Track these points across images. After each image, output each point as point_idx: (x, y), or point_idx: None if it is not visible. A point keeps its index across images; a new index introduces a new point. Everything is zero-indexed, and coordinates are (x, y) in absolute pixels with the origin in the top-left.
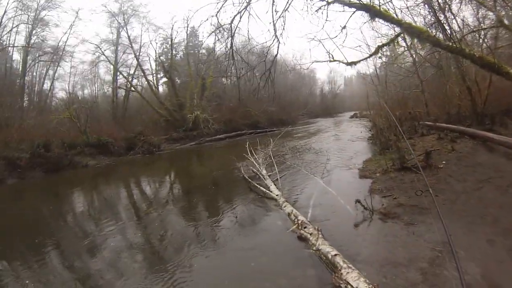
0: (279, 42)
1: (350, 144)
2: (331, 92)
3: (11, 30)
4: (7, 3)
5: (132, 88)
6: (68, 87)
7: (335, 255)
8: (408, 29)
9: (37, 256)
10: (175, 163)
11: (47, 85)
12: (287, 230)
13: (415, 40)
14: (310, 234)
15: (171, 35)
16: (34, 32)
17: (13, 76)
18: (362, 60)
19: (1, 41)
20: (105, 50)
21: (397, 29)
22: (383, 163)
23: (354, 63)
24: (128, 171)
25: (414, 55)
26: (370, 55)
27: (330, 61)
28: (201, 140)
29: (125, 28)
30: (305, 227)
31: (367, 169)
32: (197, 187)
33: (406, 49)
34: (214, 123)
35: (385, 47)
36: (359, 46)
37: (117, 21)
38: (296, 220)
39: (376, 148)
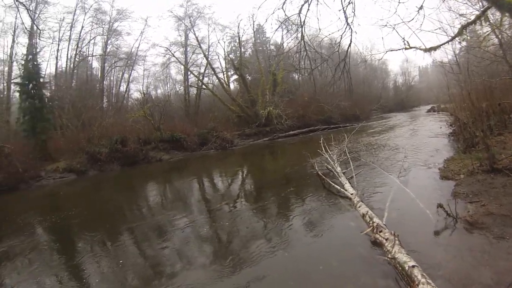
0: (352, 30)
1: (429, 141)
2: (405, 84)
3: (89, 42)
4: (83, 19)
5: (203, 86)
6: (142, 88)
7: (413, 266)
8: (496, 2)
9: (113, 240)
10: (248, 158)
11: (123, 87)
12: (361, 233)
13: (504, 18)
14: (386, 240)
15: (238, 33)
16: (109, 41)
17: (94, 81)
18: (444, 44)
19: (82, 52)
20: (174, 52)
21: (482, 4)
22: (468, 163)
23: (434, 48)
24: (201, 166)
25: (500, 36)
26: (453, 37)
27: (406, 48)
28: (274, 136)
29: (192, 30)
30: (380, 231)
31: (449, 169)
32: (269, 183)
33: (491, 29)
34: (287, 118)
35: (468, 27)
36: (439, 28)
37: (184, 24)
38: (371, 222)
39: (459, 145)
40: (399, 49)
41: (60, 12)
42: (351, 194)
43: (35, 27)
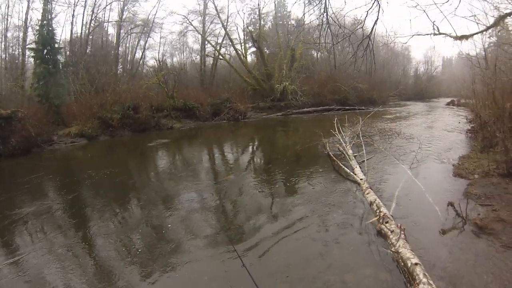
0: (379, 6)
1: (446, 135)
2: (427, 74)
3: (105, 8)
4: None
5: (220, 57)
6: (158, 56)
7: (416, 264)
8: None
9: (120, 205)
10: (260, 132)
11: (138, 54)
12: (366, 222)
13: None
14: (391, 232)
15: (258, 4)
16: (125, 7)
17: (109, 47)
18: (477, 33)
19: (97, 18)
20: (192, 20)
21: None
22: (484, 163)
23: (466, 37)
24: (212, 136)
25: None
26: (488, 27)
27: (435, 34)
28: (287, 112)
29: None
30: (386, 222)
31: (463, 167)
32: (279, 159)
33: None
34: (302, 95)
35: (506, 18)
36: (473, 15)
37: None
38: (378, 211)
39: (477, 144)
40: (427, 34)
41: None
42: (361, 179)
43: None
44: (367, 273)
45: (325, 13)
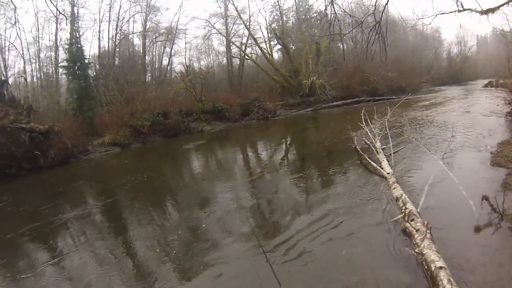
0: None
1: (483, 119)
2: (460, 55)
3: (128, 20)
4: None
5: (246, 57)
6: (185, 61)
7: (440, 268)
8: None
9: (157, 208)
10: (289, 129)
11: (166, 61)
12: (391, 219)
13: None
14: (417, 231)
15: (278, 1)
16: (148, 18)
17: (136, 57)
18: (504, 4)
19: (123, 31)
20: (214, 23)
21: None
22: None
23: (492, 10)
24: (242, 136)
25: None
26: None
27: (459, 11)
28: (317, 107)
29: (231, 0)
30: (412, 220)
31: (502, 155)
32: (308, 155)
33: None
34: (331, 89)
35: None
36: None
37: None
38: (403, 208)
39: None
40: (451, 12)
41: None
42: (388, 173)
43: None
44: (389, 275)
45: (331, 4)
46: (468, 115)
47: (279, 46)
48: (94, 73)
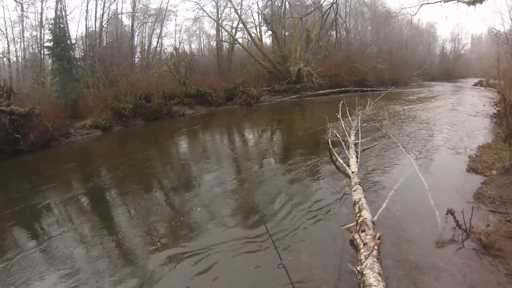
0: None
1: (467, 119)
2: (454, 52)
3: (116, 0)
4: None
5: (236, 41)
6: (175, 43)
7: None
8: None
9: (142, 190)
10: (270, 116)
11: (156, 43)
12: (342, 226)
13: None
14: (364, 245)
15: None
16: None
17: (125, 38)
18: None
19: (111, 10)
20: (204, 6)
21: None
22: (505, 156)
23: (480, 0)
24: (217, 123)
25: None
26: None
27: (445, 1)
28: (302, 94)
29: None
30: (363, 231)
31: (481, 160)
32: (279, 147)
33: None
34: (318, 77)
35: None
36: None
37: None
38: (358, 215)
39: (501, 131)
40: (437, 1)
41: None
42: (352, 172)
43: None
44: None
45: None
46: (453, 112)
47: (270, 32)
48: (82, 54)
